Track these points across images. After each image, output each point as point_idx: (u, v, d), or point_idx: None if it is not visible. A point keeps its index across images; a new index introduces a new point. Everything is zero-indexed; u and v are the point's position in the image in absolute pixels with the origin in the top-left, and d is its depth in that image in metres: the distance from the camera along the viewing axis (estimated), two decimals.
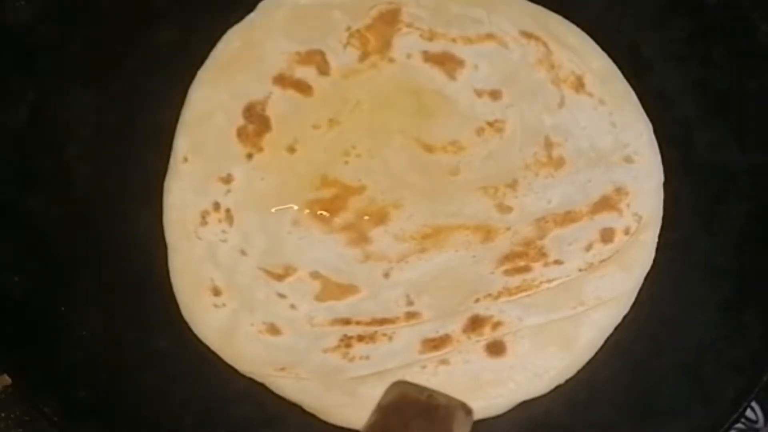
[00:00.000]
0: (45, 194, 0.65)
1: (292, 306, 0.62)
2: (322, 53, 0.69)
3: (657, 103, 0.69)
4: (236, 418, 0.60)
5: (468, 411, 0.49)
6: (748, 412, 0.67)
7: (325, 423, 0.60)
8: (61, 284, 0.63)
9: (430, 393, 0.49)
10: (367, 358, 0.61)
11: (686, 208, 0.66)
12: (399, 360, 0.61)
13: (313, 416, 0.60)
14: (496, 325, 0.62)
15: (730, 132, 0.67)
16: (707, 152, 0.67)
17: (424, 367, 0.61)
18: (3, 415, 0.67)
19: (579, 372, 0.61)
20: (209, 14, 0.70)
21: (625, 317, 0.63)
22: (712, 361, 0.61)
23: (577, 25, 0.71)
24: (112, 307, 0.63)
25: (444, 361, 0.61)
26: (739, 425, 0.67)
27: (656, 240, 0.64)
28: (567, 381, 0.61)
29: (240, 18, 0.70)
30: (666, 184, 0.66)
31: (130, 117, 0.67)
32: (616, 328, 0.62)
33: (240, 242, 0.64)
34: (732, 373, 0.60)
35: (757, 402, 0.67)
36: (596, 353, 0.62)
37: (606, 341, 0.62)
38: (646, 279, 0.64)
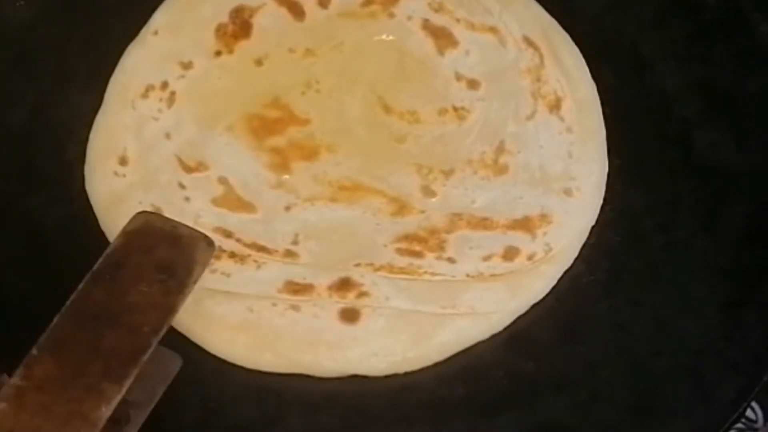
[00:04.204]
0: (45, 194, 0.65)
1: (187, 198, 0.63)
2: None
3: (657, 103, 0.69)
4: (236, 418, 0.60)
5: (210, 243, 0.53)
6: (748, 412, 0.67)
7: (324, 419, 0.60)
8: (61, 284, 0.63)
9: (175, 224, 0.53)
10: (228, 275, 0.61)
11: (686, 208, 0.66)
12: (255, 289, 0.61)
13: (315, 411, 0.60)
14: (362, 294, 0.61)
15: (730, 132, 0.67)
16: (707, 152, 0.67)
17: (274, 304, 0.61)
18: None
19: (433, 369, 0.61)
20: None
21: (626, 316, 0.63)
22: (712, 361, 0.61)
23: (578, 25, 0.71)
24: None
25: (295, 307, 0.61)
26: (739, 425, 0.67)
27: (558, 276, 0.63)
28: (406, 374, 0.60)
29: None
30: (666, 184, 0.66)
31: None
32: (618, 326, 0.62)
33: (170, 126, 0.65)
34: (732, 373, 0.60)
35: (757, 402, 0.67)
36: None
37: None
38: (645, 278, 0.64)
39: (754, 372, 0.60)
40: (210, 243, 0.54)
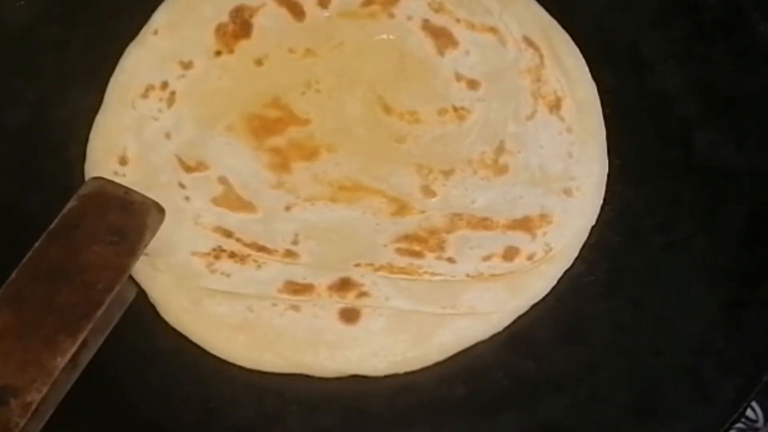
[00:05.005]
0: (45, 194, 0.65)
1: (187, 198, 0.63)
2: None
3: (657, 103, 0.69)
4: (236, 418, 0.60)
5: (161, 210, 0.56)
6: (748, 412, 0.67)
7: (324, 419, 0.60)
8: None
9: (127, 190, 0.55)
10: (228, 275, 0.62)
11: (686, 208, 0.66)
12: (255, 289, 0.61)
13: (315, 411, 0.60)
14: (362, 294, 0.62)
15: (730, 132, 0.67)
16: (707, 152, 0.67)
17: (274, 304, 0.61)
18: None
19: (433, 369, 0.61)
20: None
21: (626, 316, 0.63)
22: (712, 361, 0.61)
23: (578, 25, 0.71)
24: None
25: (295, 307, 0.61)
26: (739, 425, 0.67)
27: (559, 276, 0.63)
28: (406, 374, 0.61)
29: None
30: (666, 184, 0.66)
31: None
32: (618, 326, 0.62)
33: (170, 126, 0.65)
34: (732, 373, 0.60)
35: (757, 402, 0.67)
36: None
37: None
38: (645, 278, 0.64)
39: (754, 372, 0.60)
40: (161, 210, 0.56)
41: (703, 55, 0.69)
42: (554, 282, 0.63)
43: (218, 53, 0.68)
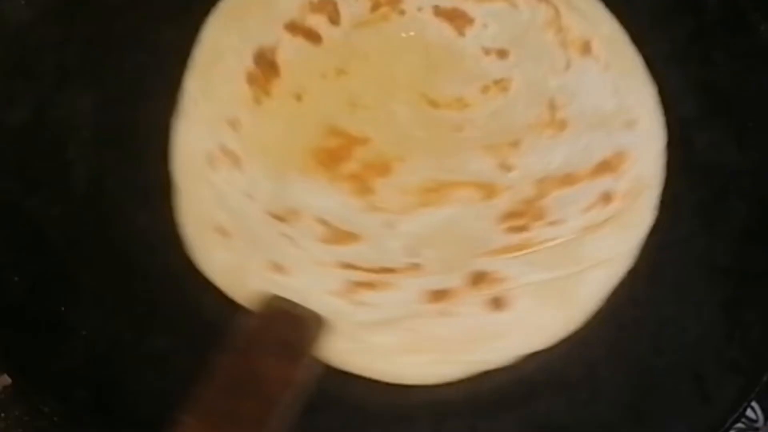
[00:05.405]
0: (45, 194, 0.65)
1: (298, 247, 0.63)
2: (333, 2, 0.70)
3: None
4: None
5: (322, 320, 0.59)
6: (748, 412, 0.67)
7: (324, 419, 0.60)
8: (61, 284, 0.63)
9: (295, 305, 0.60)
10: (372, 305, 0.62)
11: (686, 208, 0.66)
12: (404, 309, 0.62)
13: (315, 411, 0.60)
14: (498, 281, 0.62)
15: (730, 132, 0.67)
16: (707, 152, 0.67)
17: (429, 317, 0.61)
18: (3, 415, 0.67)
19: (579, 332, 0.62)
20: (209, 14, 0.70)
21: (626, 316, 0.63)
22: (712, 361, 0.61)
23: None
24: (112, 307, 0.63)
25: (448, 313, 0.62)
26: (739, 425, 0.67)
27: (656, 200, 0.65)
28: (564, 341, 0.62)
29: None
30: (666, 184, 0.66)
31: (130, 117, 0.67)
32: (618, 326, 0.62)
33: (246, 187, 0.65)
34: (732, 373, 0.60)
35: (757, 402, 0.67)
36: (597, 352, 0.62)
37: (611, 301, 0.63)
38: (646, 278, 0.64)
39: (754, 372, 0.60)
40: (322, 321, 0.60)
41: (703, 55, 0.69)
42: (654, 208, 0.64)
43: (258, 101, 0.67)
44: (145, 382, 0.61)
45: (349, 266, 0.63)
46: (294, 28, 0.69)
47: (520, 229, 0.64)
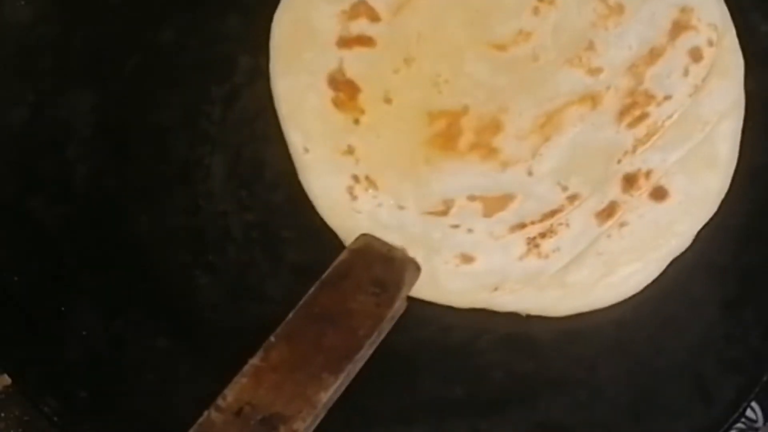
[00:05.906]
0: (45, 194, 0.65)
1: (469, 230, 0.64)
2: (364, 2, 0.69)
3: None
4: None
5: (417, 267, 0.62)
6: (748, 412, 0.67)
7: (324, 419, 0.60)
8: (61, 284, 0.63)
9: (390, 247, 0.62)
10: (558, 249, 0.64)
11: None
12: (585, 239, 0.64)
13: None
14: (647, 174, 0.64)
15: None
16: None
17: (609, 236, 0.64)
18: (3, 415, 0.67)
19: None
20: (209, 14, 0.70)
21: (626, 316, 0.63)
22: (712, 361, 0.61)
23: None
24: (112, 307, 0.63)
25: (623, 224, 0.64)
26: (739, 425, 0.67)
27: (737, 41, 0.66)
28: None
29: (246, 12, 0.70)
30: None
31: (130, 117, 0.67)
32: (618, 326, 0.63)
33: (393, 202, 0.66)
34: (732, 373, 0.60)
35: (757, 402, 0.67)
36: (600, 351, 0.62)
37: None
38: None
39: (754, 372, 0.60)
40: (418, 267, 0.62)
41: None
42: (740, 49, 0.67)
43: (356, 121, 0.67)
44: (145, 382, 0.61)
45: (519, 226, 0.64)
46: (345, 42, 0.69)
47: (640, 119, 0.65)
